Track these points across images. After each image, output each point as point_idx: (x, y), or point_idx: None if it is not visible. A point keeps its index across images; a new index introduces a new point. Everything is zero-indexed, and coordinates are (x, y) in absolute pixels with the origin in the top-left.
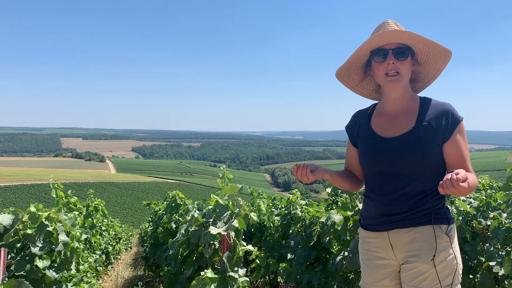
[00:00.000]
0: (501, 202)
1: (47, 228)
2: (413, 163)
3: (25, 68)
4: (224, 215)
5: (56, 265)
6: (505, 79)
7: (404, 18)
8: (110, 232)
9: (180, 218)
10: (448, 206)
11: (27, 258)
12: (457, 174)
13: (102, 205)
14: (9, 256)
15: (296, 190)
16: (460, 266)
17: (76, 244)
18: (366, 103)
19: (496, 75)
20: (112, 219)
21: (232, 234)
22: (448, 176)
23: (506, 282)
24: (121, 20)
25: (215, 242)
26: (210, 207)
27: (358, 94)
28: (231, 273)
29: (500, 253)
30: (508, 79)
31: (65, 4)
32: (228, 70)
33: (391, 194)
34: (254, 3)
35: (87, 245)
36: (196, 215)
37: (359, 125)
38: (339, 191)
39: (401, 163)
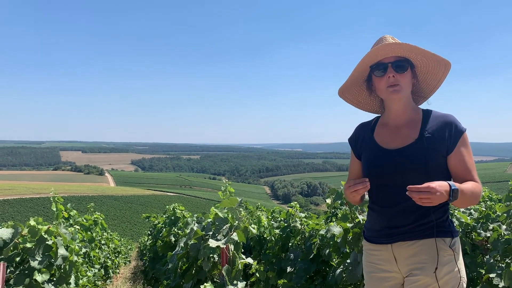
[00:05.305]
0: (500, 214)
1: (47, 242)
2: (416, 175)
3: (25, 81)
4: (224, 228)
5: (55, 279)
6: (503, 91)
7: (399, 31)
8: (109, 245)
9: (179, 231)
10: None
11: (26, 272)
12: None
13: (101, 218)
14: (8, 270)
15: (296, 202)
16: (465, 279)
17: (75, 258)
18: (365, 116)
19: (494, 87)
20: (111, 233)
21: (232, 247)
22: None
23: None
24: (118, 33)
25: (215, 255)
26: (209, 220)
27: (363, 110)
28: (230, 287)
29: (500, 265)
30: (506, 91)
31: (61, 17)
32: (227, 83)
33: (394, 206)
34: (252, 15)
35: (86, 259)
36: (195, 228)
37: (362, 138)
38: (339, 203)
39: (404, 175)
